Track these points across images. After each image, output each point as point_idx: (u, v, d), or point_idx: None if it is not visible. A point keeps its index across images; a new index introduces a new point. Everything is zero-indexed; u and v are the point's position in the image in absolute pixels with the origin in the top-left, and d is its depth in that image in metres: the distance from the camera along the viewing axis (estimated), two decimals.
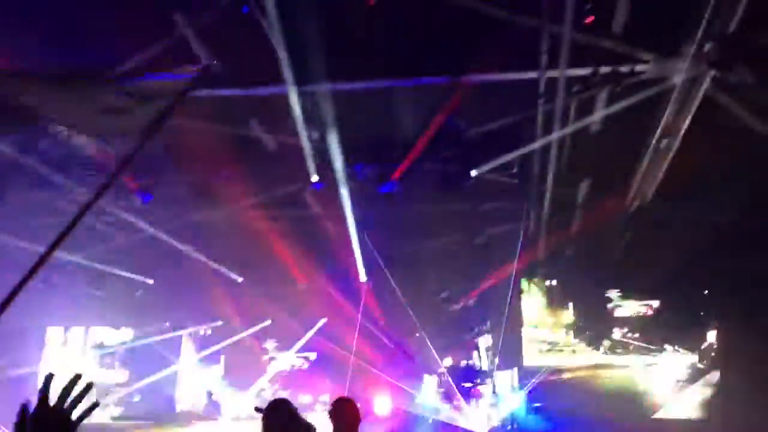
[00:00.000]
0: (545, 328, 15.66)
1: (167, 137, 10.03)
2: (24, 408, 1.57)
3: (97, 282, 14.16)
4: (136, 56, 7.61)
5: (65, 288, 14.36)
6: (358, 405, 4.85)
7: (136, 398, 16.82)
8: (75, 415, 1.59)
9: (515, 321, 15.59)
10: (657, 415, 13.91)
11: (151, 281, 15.18)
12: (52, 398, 1.62)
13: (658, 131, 8.80)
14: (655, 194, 10.67)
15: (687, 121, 8.43)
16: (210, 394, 17.66)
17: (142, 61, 7.61)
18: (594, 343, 15.12)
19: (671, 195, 10.71)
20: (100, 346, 17.08)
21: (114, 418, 16.47)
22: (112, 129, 8.39)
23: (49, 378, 1.58)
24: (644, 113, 8.67)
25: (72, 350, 17.04)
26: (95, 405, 1.65)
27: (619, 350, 14.99)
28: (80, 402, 1.60)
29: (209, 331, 17.67)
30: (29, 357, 15.99)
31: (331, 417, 4.62)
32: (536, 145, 9.24)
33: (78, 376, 1.61)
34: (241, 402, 16.93)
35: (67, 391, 1.60)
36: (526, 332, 15.57)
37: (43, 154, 9.32)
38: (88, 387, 1.62)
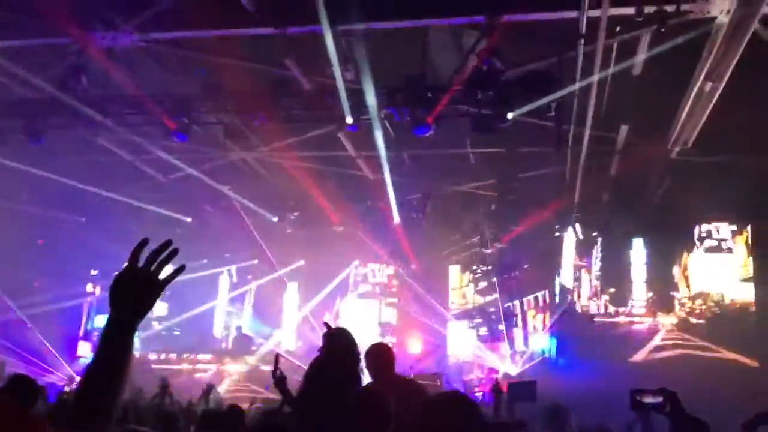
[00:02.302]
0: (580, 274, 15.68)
1: (201, 76, 10.10)
2: (119, 273, 1.69)
3: (138, 220, 14.50)
4: None
5: (108, 225, 14.76)
6: (392, 345, 4.96)
7: (176, 332, 17.42)
8: (161, 276, 1.71)
9: (553, 267, 15.61)
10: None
11: (189, 219, 15.50)
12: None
13: (703, 74, 8.53)
14: (696, 140, 10.45)
15: (733, 64, 8.15)
16: (240, 329, 18.17)
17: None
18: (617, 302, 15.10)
19: (714, 141, 10.48)
20: None
21: (155, 351, 17.12)
22: None
23: (143, 242, 1.70)
24: (688, 55, 8.41)
25: None
26: (182, 268, 1.76)
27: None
28: (166, 265, 1.69)
29: (245, 269, 18.07)
30: (75, 292, 16.59)
31: (366, 359, 4.73)
32: (575, 87, 9.04)
33: (168, 242, 1.71)
34: (271, 339, 17.41)
35: (156, 254, 1.70)
36: (562, 277, 15.61)
37: (82, 91, 9.42)
38: (174, 252, 1.70)
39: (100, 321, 16.86)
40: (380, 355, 4.74)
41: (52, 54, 9.41)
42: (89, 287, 17.44)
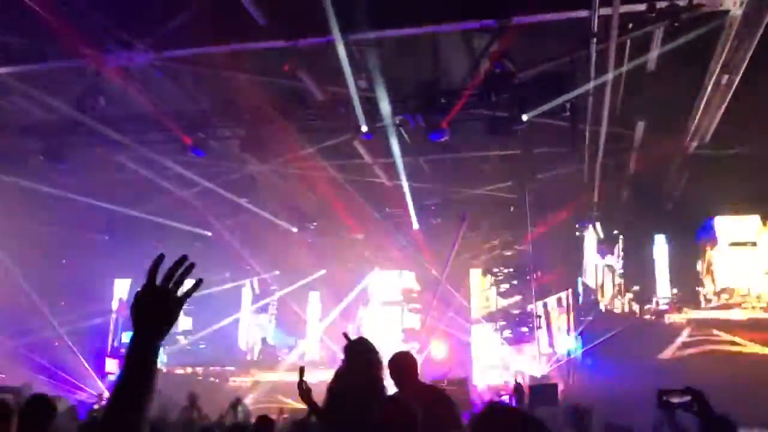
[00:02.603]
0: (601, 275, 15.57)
1: (215, 92, 10.21)
2: (138, 292, 1.72)
3: (159, 235, 14.64)
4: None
5: (130, 242, 14.93)
6: (415, 351, 4.96)
7: (202, 345, 17.54)
8: (179, 292, 1.73)
9: (575, 266, 15.51)
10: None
11: (209, 233, 15.62)
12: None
13: (717, 68, 8.46)
14: (714, 134, 10.36)
15: (748, 56, 8.07)
16: (264, 340, 18.25)
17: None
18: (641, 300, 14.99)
19: (731, 134, 10.38)
20: None
21: (182, 365, 17.26)
22: None
23: (158, 258, 1.72)
24: (702, 49, 8.34)
25: None
26: (199, 282, 1.78)
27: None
28: (184, 280, 1.72)
29: (267, 281, 18.16)
30: (99, 309, 16.79)
31: (389, 368, 4.72)
32: (590, 86, 9.00)
33: (184, 257, 1.73)
34: (296, 349, 17.46)
35: (172, 271, 1.72)
36: (585, 276, 15.51)
37: (100, 111, 9.57)
38: (191, 266, 1.72)
39: (127, 337, 17.05)
40: (402, 362, 4.73)
41: (69, 76, 9.56)
42: (114, 304, 17.64)
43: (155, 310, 1.70)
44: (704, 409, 3.09)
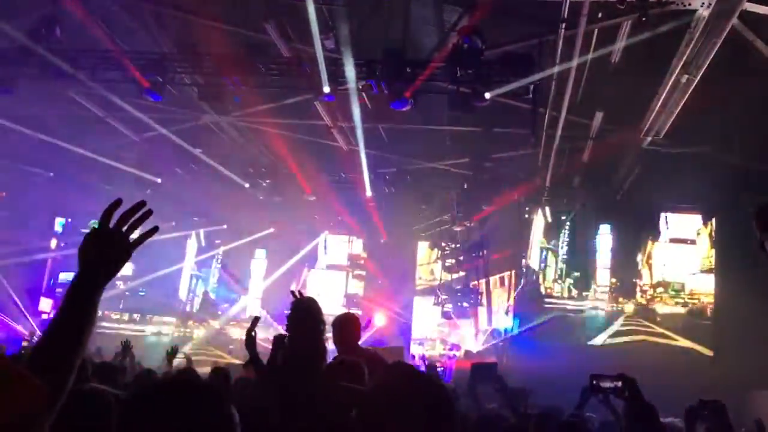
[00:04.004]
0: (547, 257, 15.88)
1: (178, 35, 9.91)
2: (88, 232, 1.67)
3: (106, 177, 14.28)
4: None
5: (76, 180, 14.53)
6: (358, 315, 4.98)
7: (141, 292, 17.29)
8: (132, 237, 1.70)
9: (520, 248, 15.75)
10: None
11: (159, 180, 15.30)
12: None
13: (679, 67, 8.62)
14: (668, 131, 10.59)
15: (710, 58, 8.24)
16: (207, 294, 18.13)
17: None
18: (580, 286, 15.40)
19: (685, 133, 10.63)
20: None
21: (119, 311, 17.02)
22: None
23: (115, 203, 1.68)
24: (666, 47, 8.49)
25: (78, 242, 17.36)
26: (154, 230, 1.74)
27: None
28: (138, 226, 1.68)
29: (213, 234, 17.98)
30: (37, 246, 16.33)
31: (333, 329, 4.75)
32: (554, 71, 9.08)
33: (141, 203, 1.69)
34: (237, 304, 17.41)
35: (128, 215, 1.68)
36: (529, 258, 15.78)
37: (55, 43, 9.20)
38: (148, 213, 1.69)
39: (64, 278, 16.68)
40: (346, 325, 4.77)
41: (25, 2, 9.15)
42: (53, 243, 17.19)
43: (105, 252, 1.66)
44: (635, 395, 3.19)
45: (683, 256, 14.83)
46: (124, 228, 1.69)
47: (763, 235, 1.62)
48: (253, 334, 4.21)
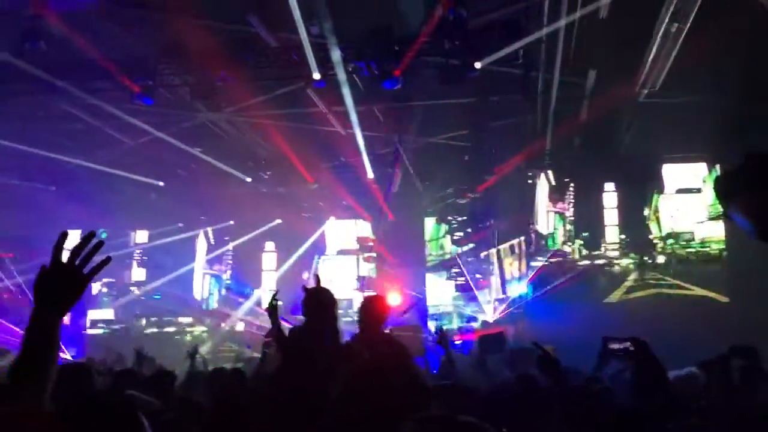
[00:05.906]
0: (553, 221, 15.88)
1: (164, 37, 9.88)
2: (42, 268, 1.69)
3: (110, 186, 14.31)
4: None
5: (81, 193, 14.55)
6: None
7: (157, 297, 17.40)
8: (86, 270, 1.71)
9: (527, 214, 15.75)
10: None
11: (161, 183, 15.33)
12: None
13: (668, 16, 8.55)
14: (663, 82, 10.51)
15: (696, 5, 8.16)
16: (220, 291, 18.23)
17: None
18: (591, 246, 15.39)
19: (681, 82, 10.55)
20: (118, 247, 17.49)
21: (136, 316, 17.14)
22: None
23: (62, 236, 1.69)
24: None
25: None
26: (107, 260, 1.75)
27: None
28: (91, 258, 1.70)
29: (221, 231, 18.02)
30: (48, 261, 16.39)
31: (359, 313, 4.81)
32: (542, 33, 9.02)
33: (91, 234, 1.72)
34: (251, 299, 17.49)
35: (79, 248, 1.70)
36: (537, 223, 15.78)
37: (41, 57, 9.19)
38: (99, 244, 1.70)
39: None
40: (367, 309, 4.84)
41: (4, 18, 9.11)
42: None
43: (58, 287, 1.68)
44: (646, 357, 3.14)
45: (690, 205, 14.80)
46: (77, 261, 1.70)
47: (723, 204, 1.62)
48: (274, 302, 4.32)
